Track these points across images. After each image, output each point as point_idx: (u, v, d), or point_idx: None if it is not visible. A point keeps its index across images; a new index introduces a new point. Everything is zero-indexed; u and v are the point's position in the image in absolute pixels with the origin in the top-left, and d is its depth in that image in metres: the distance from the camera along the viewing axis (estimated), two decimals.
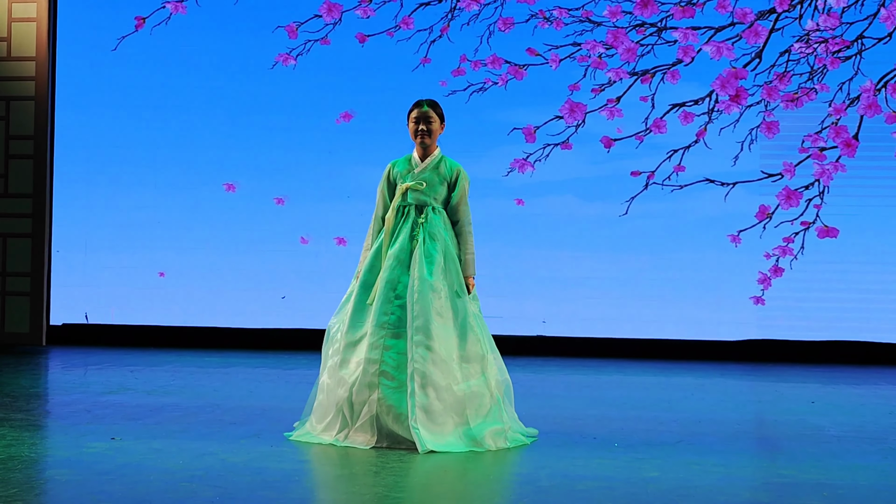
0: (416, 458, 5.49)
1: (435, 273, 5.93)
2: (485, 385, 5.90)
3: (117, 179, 10.81)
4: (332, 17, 10.34)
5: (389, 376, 5.80)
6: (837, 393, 8.32)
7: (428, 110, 6.10)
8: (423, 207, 6.08)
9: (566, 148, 10.12)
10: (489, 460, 5.52)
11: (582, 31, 10.08)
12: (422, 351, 5.77)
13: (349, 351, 5.93)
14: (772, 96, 9.78)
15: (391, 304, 5.91)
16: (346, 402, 5.84)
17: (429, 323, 5.82)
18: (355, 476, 5.19)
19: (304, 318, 10.62)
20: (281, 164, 10.68)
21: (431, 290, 5.88)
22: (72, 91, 10.84)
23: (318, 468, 5.29)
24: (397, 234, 6.06)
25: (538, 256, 10.40)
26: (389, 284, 5.94)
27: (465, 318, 5.95)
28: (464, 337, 5.92)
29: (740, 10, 9.76)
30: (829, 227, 9.82)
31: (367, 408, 5.78)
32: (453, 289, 5.97)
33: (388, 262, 5.98)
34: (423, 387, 5.72)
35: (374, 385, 5.80)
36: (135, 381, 8.26)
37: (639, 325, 10.42)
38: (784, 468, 5.43)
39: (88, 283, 10.82)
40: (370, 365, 5.82)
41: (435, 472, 5.22)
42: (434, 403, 5.73)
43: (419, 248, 5.97)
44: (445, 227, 6.10)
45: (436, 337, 5.81)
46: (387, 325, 5.88)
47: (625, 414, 7.08)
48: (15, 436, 5.88)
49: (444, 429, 5.73)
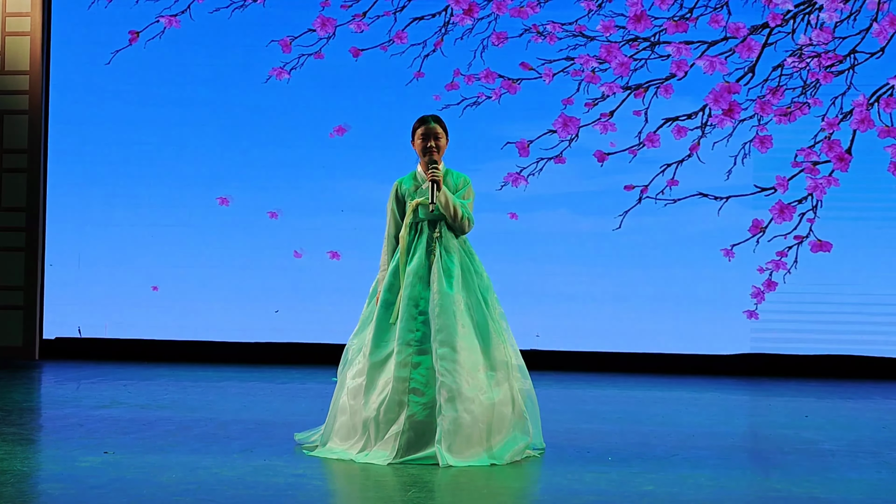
0: (408, 472, 5.48)
1: (455, 286, 5.95)
2: (509, 394, 5.94)
3: (110, 193, 10.80)
4: (326, 32, 10.35)
5: (420, 392, 5.80)
6: (831, 407, 8.32)
7: (435, 126, 6.09)
8: (435, 222, 6.07)
9: (560, 162, 10.13)
10: (482, 474, 5.51)
11: (575, 46, 10.11)
12: (447, 364, 5.78)
13: (375, 371, 5.92)
14: (765, 111, 9.80)
15: (415, 321, 5.91)
16: (372, 420, 5.83)
17: (452, 336, 5.83)
18: (349, 490, 5.18)
19: (297, 332, 10.61)
20: (274, 178, 10.68)
21: (453, 302, 5.89)
22: (65, 105, 10.84)
23: (312, 483, 5.28)
24: (413, 250, 6.05)
25: (531, 270, 10.40)
26: (412, 301, 5.93)
27: (487, 325, 5.98)
28: (488, 344, 5.95)
29: (733, 24, 9.79)
30: (823, 241, 9.83)
31: (395, 426, 5.78)
32: (476, 299, 5.99)
33: (408, 280, 5.97)
34: (451, 400, 5.73)
35: (404, 403, 5.79)
36: (128, 395, 8.24)
37: (632, 339, 10.42)
38: (778, 482, 5.43)
39: (82, 296, 10.80)
40: (399, 383, 5.81)
41: (427, 486, 5.21)
42: (463, 416, 5.73)
43: (437, 262, 5.98)
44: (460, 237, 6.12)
45: (460, 349, 5.82)
46: (413, 342, 5.88)
47: (619, 428, 7.08)
48: (7, 450, 5.86)
49: (470, 442, 5.73)
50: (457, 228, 6.06)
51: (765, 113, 9.81)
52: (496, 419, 5.85)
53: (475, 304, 6.00)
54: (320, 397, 8.09)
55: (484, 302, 6.03)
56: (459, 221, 6.03)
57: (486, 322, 5.98)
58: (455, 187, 6.11)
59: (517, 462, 5.82)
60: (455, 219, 6.01)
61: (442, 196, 5.95)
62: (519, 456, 5.86)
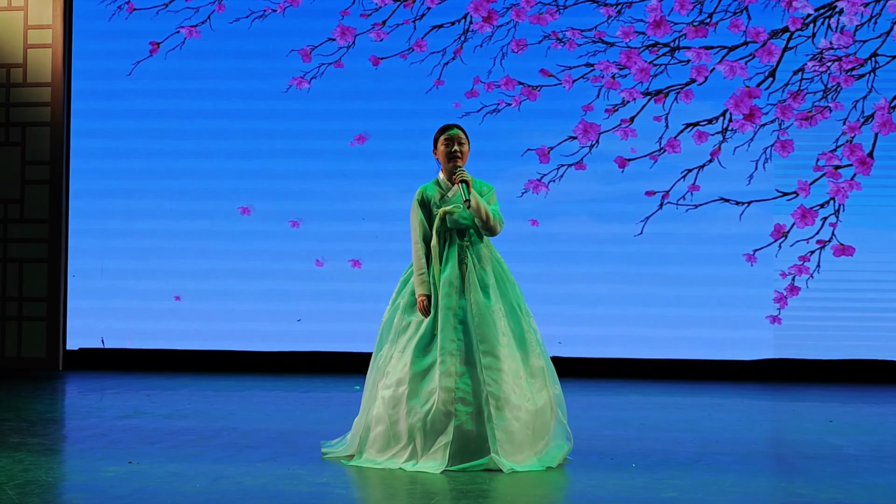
0: (434, 480, 5.48)
1: (491, 296, 5.98)
2: (548, 400, 5.99)
3: (132, 204, 10.84)
4: (346, 41, 10.38)
5: (466, 402, 5.83)
6: (856, 412, 8.29)
7: (459, 132, 6.12)
8: (464, 231, 6.09)
9: (580, 168, 10.12)
10: (507, 482, 5.51)
11: (595, 52, 10.10)
12: (493, 374, 5.83)
13: (418, 380, 5.92)
14: (786, 115, 9.77)
15: (455, 331, 5.94)
16: (419, 430, 5.84)
17: (495, 345, 5.88)
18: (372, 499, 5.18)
19: (320, 340, 10.62)
20: (296, 188, 10.69)
21: (491, 312, 5.93)
22: (87, 116, 10.88)
23: (336, 491, 5.28)
24: (446, 260, 6.05)
25: (553, 277, 10.38)
26: (450, 311, 5.95)
27: (524, 333, 6.02)
28: (526, 352, 6.00)
29: (753, 29, 9.77)
30: (846, 246, 9.80)
31: (443, 436, 5.80)
32: (511, 307, 6.02)
33: (443, 290, 5.98)
34: (500, 409, 5.79)
35: (451, 413, 5.81)
36: (151, 405, 8.26)
37: (655, 346, 10.39)
38: (802, 488, 5.41)
39: (104, 307, 10.84)
40: (446, 393, 5.83)
41: (451, 493, 5.21)
42: (512, 423, 5.80)
43: (470, 273, 6.00)
44: (488, 245, 6.13)
45: (503, 358, 5.88)
46: (455, 351, 5.90)
47: (642, 434, 7.06)
48: (32, 460, 5.89)
49: (524, 448, 5.81)
50: (488, 229, 6.05)
51: (786, 117, 9.78)
52: (540, 425, 5.93)
53: (511, 312, 6.04)
54: (343, 406, 8.10)
55: (519, 309, 6.07)
56: (491, 223, 6.03)
57: (523, 330, 6.04)
58: (480, 193, 6.10)
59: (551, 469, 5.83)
60: (487, 220, 6.01)
61: (473, 198, 5.95)
62: (563, 460, 5.96)
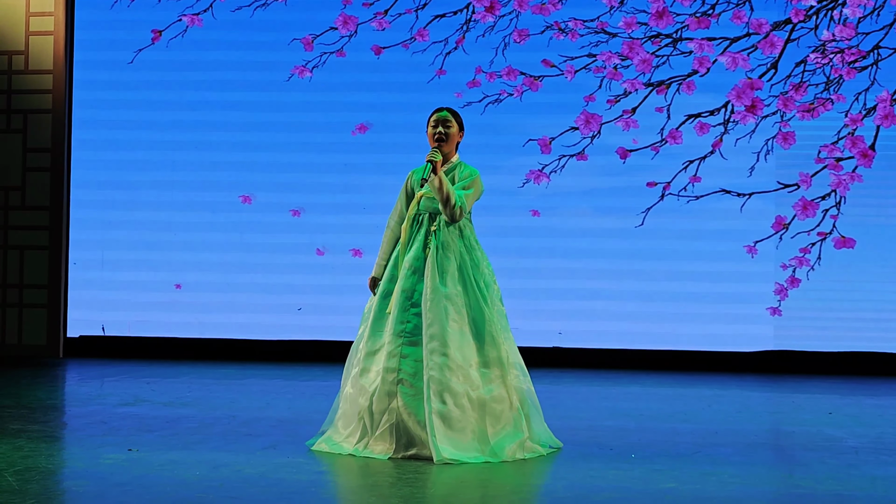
0: (432, 469, 5.49)
1: (448, 283, 5.92)
2: (505, 392, 5.91)
3: (133, 192, 10.84)
4: (348, 30, 10.37)
5: (408, 384, 5.82)
6: (855, 404, 8.29)
7: (447, 114, 6.10)
8: (435, 216, 6.06)
9: (582, 159, 10.12)
10: (507, 471, 5.51)
11: (597, 43, 10.09)
12: (437, 358, 5.78)
13: (369, 360, 5.97)
14: (788, 107, 9.76)
15: (407, 313, 5.92)
16: (366, 410, 5.86)
17: (444, 330, 5.82)
18: (372, 487, 5.19)
19: (320, 329, 10.63)
20: (297, 177, 10.69)
21: (446, 298, 5.88)
22: (89, 104, 10.88)
23: (335, 479, 5.29)
24: (411, 242, 6.06)
25: (554, 268, 10.38)
26: (405, 294, 5.95)
27: (484, 323, 5.94)
28: (482, 342, 5.92)
29: (756, 20, 9.76)
30: (846, 238, 9.80)
31: (386, 416, 5.80)
32: (475, 296, 5.95)
33: (404, 272, 6.00)
34: (440, 393, 5.73)
35: (394, 393, 5.82)
36: (151, 392, 8.27)
37: (655, 337, 10.40)
38: (801, 479, 5.42)
39: (105, 295, 10.84)
40: (388, 374, 5.84)
41: (452, 483, 5.22)
42: (452, 410, 5.74)
43: (431, 257, 5.96)
44: (462, 233, 6.07)
45: (451, 343, 5.81)
46: (403, 333, 5.90)
47: (641, 425, 7.07)
48: (32, 447, 5.89)
49: (463, 436, 5.73)
50: (448, 214, 5.94)
51: (788, 109, 9.77)
52: (490, 415, 5.83)
53: (472, 300, 5.95)
54: None
55: (482, 298, 5.97)
56: (451, 208, 5.92)
57: (483, 319, 5.94)
58: (460, 178, 6.08)
59: (536, 458, 5.82)
60: (446, 204, 5.91)
61: (436, 179, 5.88)
62: (520, 453, 5.84)
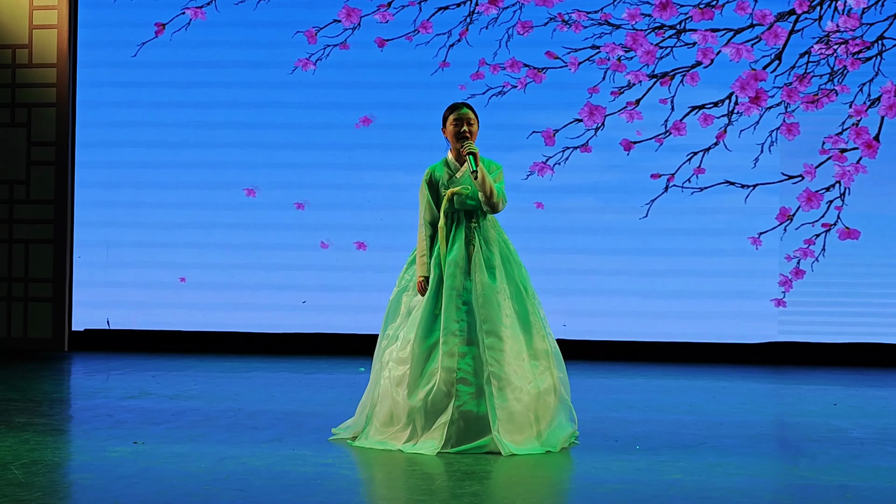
0: (438, 462, 5.50)
1: (497, 277, 5.98)
2: (552, 383, 5.99)
3: (138, 185, 10.83)
4: (351, 22, 10.36)
5: (467, 382, 5.84)
6: (860, 395, 8.29)
7: (468, 112, 6.09)
8: (472, 212, 6.08)
9: (585, 151, 10.11)
10: (511, 463, 5.52)
11: (601, 34, 10.08)
12: (495, 354, 5.84)
13: (421, 361, 5.93)
14: (792, 98, 9.75)
15: (459, 311, 5.94)
16: (419, 411, 5.85)
17: (498, 326, 5.88)
18: (378, 479, 5.20)
19: (324, 322, 10.63)
20: (301, 169, 10.68)
21: (495, 292, 5.93)
22: (93, 97, 10.87)
23: (341, 472, 5.30)
24: (453, 240, 6.06)
25: (558, 260, 10.37)
26: (455, 292, 5.95)
27: (528, 315, 6.02)
28: (529, 334, 6.00)
29: (759, 11, 9.75)
30: (851, 229, 9.79)
31: (443, 416, 5.81)
32: (516, 288, 6.02)
33: (449, 270, 5.98)
34: (502, 389, 5.79)
35: (453, 393, 5.83)
36: (156, 385, 8.28)
37: (660, 328, 10.39)
38: (806, 470, 5.42)
39: (110, 288, 10.84)
40: (447, 373, 5.84)
41: (459, 475, 5.22)
42: (513, 404, 5.80)
43: (477, 253, 6.00)
44: (495, 226, 6.13)
45: (506, 338, 5.88)
46: (458, 332, 5.91)
47: (646, 417, 7.07)
48: (38, 440, 5.91)
49: (525, 429, 5.82)
50: (491, 205, 6.00)
51: (792, 100, 9.77)
52: (542, 407, 5.93)
53: (516, 294, 6.03)
54: (348, 387, 8.12)
55: (525, 291, 6.07)
56: (494, 199, 5.99)
57: (527, 312, 6.04)
58: (488, 170, 6.08)
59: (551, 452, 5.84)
60: (490, 196, 5.97)
61: (480, 171, 5.93)
62: (566, 443, 5.95)
